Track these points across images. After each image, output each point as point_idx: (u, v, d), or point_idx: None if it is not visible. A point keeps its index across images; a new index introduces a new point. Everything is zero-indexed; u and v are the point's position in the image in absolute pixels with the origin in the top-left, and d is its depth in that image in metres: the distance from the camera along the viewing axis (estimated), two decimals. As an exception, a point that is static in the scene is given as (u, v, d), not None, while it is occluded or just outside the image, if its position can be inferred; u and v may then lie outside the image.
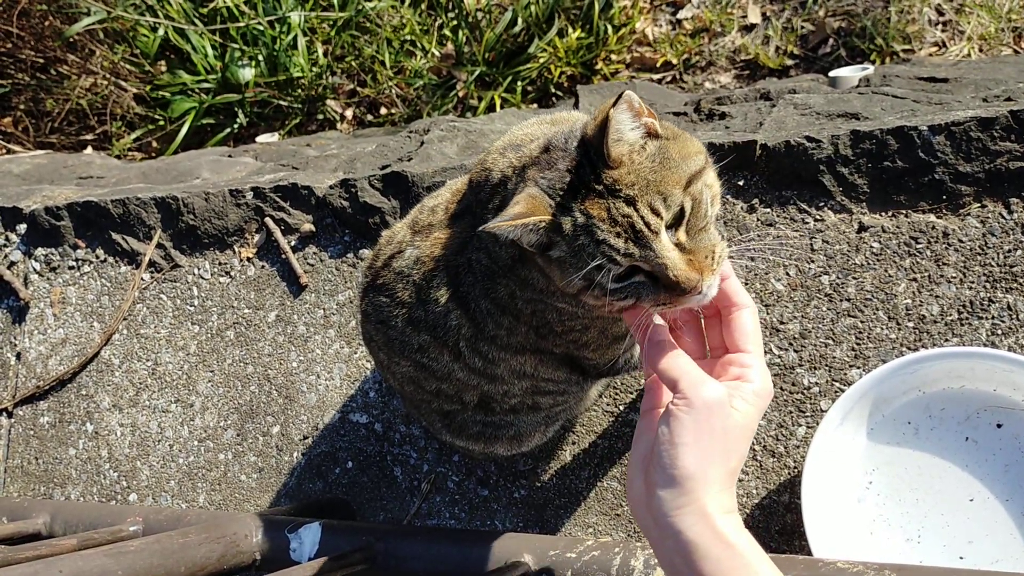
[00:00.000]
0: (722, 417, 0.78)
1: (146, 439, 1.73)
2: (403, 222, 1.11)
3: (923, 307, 1.27)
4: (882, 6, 2.55)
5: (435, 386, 1.13)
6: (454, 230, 1.00)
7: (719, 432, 0.77)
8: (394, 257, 1.06)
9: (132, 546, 1.13)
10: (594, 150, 0.80)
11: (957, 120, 1.26)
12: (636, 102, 0.79)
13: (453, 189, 1.07)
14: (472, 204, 0.98)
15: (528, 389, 1.13)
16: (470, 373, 1.07)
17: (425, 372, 1.11)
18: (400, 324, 1.07)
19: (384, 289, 1.07)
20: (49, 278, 1.89)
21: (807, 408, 1.30)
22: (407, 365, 1.12)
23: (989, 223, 1.26)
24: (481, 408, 1.16)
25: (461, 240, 0.98)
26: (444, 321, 1.02)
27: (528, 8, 2.76)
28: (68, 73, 3.14)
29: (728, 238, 1.31)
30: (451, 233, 1.00)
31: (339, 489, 1.55)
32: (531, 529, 1.41)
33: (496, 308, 0.99)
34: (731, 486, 0.79)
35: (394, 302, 1.06)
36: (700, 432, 0.76)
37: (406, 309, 1.05)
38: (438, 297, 1.00)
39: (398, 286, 1.05)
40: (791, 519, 1.28)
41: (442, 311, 1.01)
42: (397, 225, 1.12)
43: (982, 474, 1.18)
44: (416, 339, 1.06)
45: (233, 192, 1.71)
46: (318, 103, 3.01)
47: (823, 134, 1.33)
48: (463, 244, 0.98)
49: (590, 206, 0.79)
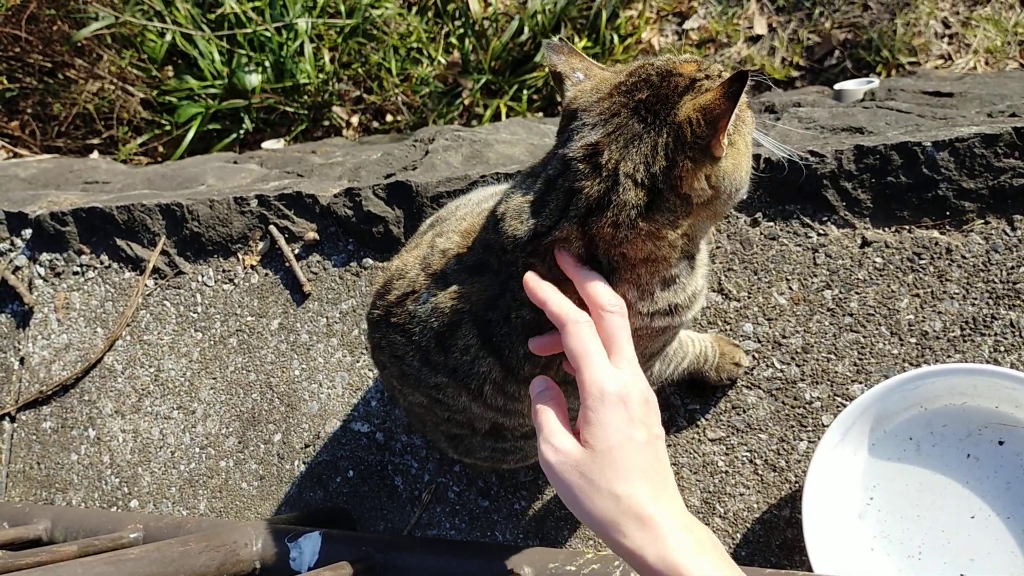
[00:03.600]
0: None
1: (148, 445, 1.73)
2: (412, 256, 1.07)
3: (926, 323, 1.27)
4: (888, 18, 2.55)
5: (447, 415, 1.12)
6: (476, 286, 0.97)
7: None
8: (408, 297, 1.03)
9: (132, 554, 1.13)
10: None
11: (961, 136, 1.26)
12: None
13: (461, 231, 1.03)
14: (489, 261, 0.96)
15: None
16: (487, 409, 1.05)
17: (439, 405, 1.10)
18: (416, 364, 1.04)
19: (398, 328, 1.05)
20: (53, 283, 1.89)
21: (808, 423, 1.30)
22: (420, 397, 1.11)
23: (992, 240, 1.26)
24: (492, 435, 1.15)
25: (488, 296, 0.96)
26: (471, 367, 0.99)
27: (535, 17, 2.77)
28: (75, 77, 3.16)
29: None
30: (474, 288, 0.97)
31: (340, 498, 1.55)
32: (531, 541, 1.41)
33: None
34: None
35: (410, 342, 1.04)
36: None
37: (423, 352, 1.02)
38: (466, 347, 0.98)
39: (415, 329, 1.02)
40: (792, 534, 1.28)
41: (470, 359, 0.99)
42: (407, 256, 1.09)
43: (984, 491, 1.17)
44: (433, 379, 1.04)
45: (238, 199, 1.71)
46: (324, 109, 3.02)
47: (827, 149, 1.33)
48: (492, 300, 0.96)
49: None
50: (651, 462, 0.80)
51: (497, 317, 0.96)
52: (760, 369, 1.34)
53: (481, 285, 0.97)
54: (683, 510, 0.80)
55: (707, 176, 0.85)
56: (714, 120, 0.80)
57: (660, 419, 0.84)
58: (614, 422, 0.79)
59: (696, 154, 0.83)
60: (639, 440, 0.79)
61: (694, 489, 1.34)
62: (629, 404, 0.80)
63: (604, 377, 0.80)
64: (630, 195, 0.83)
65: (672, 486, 0.82)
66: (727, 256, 1.38)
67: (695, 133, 0.81)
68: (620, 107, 0.85)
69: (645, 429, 0.80)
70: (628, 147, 0.84)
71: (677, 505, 0.80)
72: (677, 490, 0.82)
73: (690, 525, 0.79)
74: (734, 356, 1.31)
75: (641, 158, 0.83)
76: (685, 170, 0.83)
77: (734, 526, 1.31)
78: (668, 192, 0.84)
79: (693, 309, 0.97)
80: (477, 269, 0.98)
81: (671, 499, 0.80)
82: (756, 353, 1.34)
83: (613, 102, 0.86)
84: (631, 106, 0.85)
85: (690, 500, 1.34)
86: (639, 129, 0.84)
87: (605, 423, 0.79)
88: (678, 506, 0.80)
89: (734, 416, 1.34)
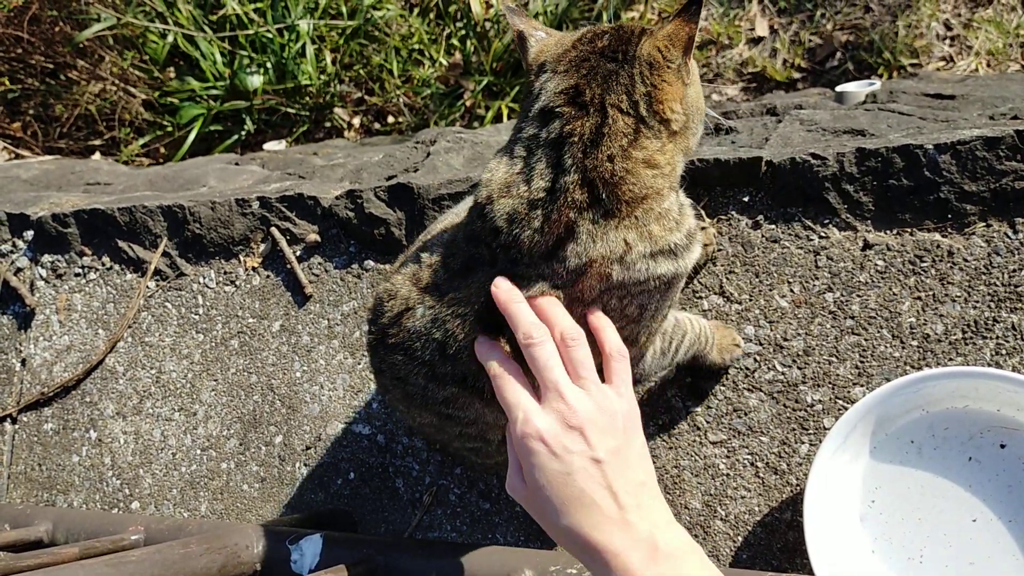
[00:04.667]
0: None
1: (149, 447, 1.73)
2: (401, 275, 1.06)
3: (927, 326, 1.27)
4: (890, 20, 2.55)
5: (459, 430, 1.11)
6: (473, 287, 0.96)
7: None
8: (404, 315, 1.02)
9: (133, 556, 1.14)
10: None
11: (963, 139, 1.26)
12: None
13: (445, 240, 1.05)
14: (479, 255, 0.96)
15: None
16: (499, 415, 1.04)
17: (450, 421, 1.09)
18: (421, 381, 1.03)
19: (397, 348, 1.04)
20: (55, 285, 1.90)
21: (810, 426, 1.30)
22: (429, 417, 1.10)
23: (994, 243, 1.26)
24: (504, 443, 1.15)
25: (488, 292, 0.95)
26: (481, 370, 0.98)
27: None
28: (77, 79, 3.16)
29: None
30: (471, 291, 0.96)
31: (341, 500, 1.55)
32: (532, 543, 1.41)
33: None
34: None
35: (411, 360, 1.02)
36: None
37: (427, 367, 1.01)
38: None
39: (415, 345, 1.01)
40: (793, 537, 1.28)
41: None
42: (396, 279, 1.07)
43: (985, 495, 1.17)
44: (441, 393, 1.03)
45: (239, 201, 1.72)
46: (326, 111, 3.02)
47: (829, 151, 1.33)
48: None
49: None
50: (586, 489, 0.80)
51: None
52: (761, 372, 1.34)
53: (478, 284, 0.96)
54: (638, 524, 0.80)
55: (680, 100, 0.93)
56: (682, 41, 0.90)
57: (623, 431, 0.84)
58: (537, 463, 0.81)
59: (671, 76, 0.91)
60: (566, 471, 0.80)
61: (695, 492, 1.34)
62: (547, 439, 0.81)
63: (517, 422, 0.83)
64: (619, 123, 0.90)
65: (630, 496, 0.81)
66: (728, 258, 1.38)
67: (666, 57, 0.90)
68: (588, 53, 0.93)
69: (575, 457, 0.81)
70: (607, 82, 0.91)
71: (628, 520, 0.80)
72: (638, 499, 0.82)
73: (640, 542, 0.78)
74: (733, 337, 1.32)
75: (623, 88, 0.91)
76: (664, 93, 0.91)
77: (735, 529, 1.31)
78: (651, 118, 0.91)
79: (692, 252, 0.99)
80: (468, 269, 0.98)
81: (618, 518, 0.79)
82: (757, 356, 1.34)
83: (579, 51, 0.94)
84: (597, 51, 0.93)
85: (691, 503, 1.34)
86: (612, 68, 0.92)
87: (530, 465, 0.82)
88: (631, 520, 0.80)
89: (735, 419, 1.34)
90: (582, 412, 0.83)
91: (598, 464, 0.81)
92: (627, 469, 0.83)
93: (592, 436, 0.82)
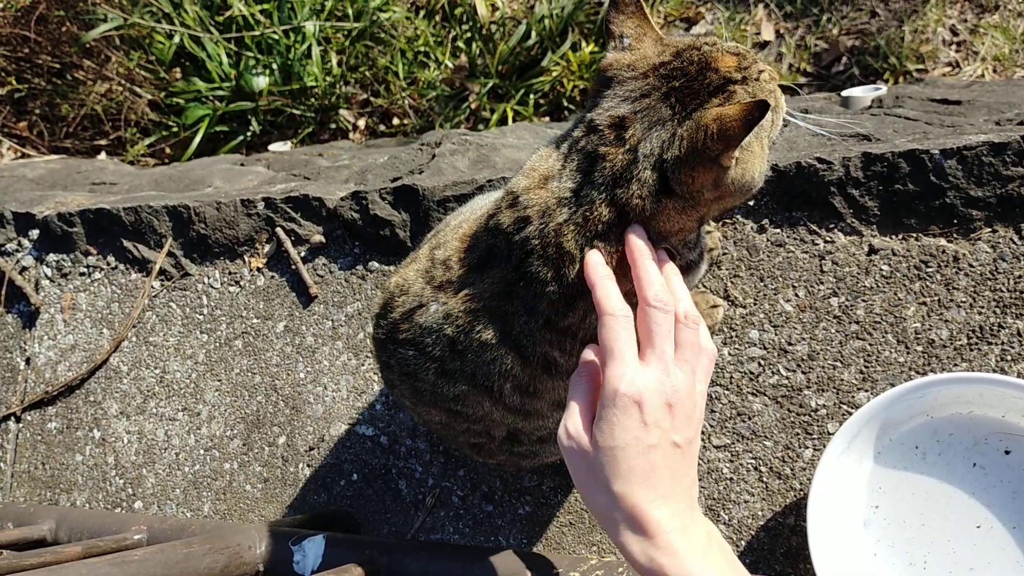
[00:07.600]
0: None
1: (152, 447, 1.73)
2: (412, 270, 1.07)
3: (932, 331, 1.27)
4: (896, 25, 2.55)
5: (465, 427, 1.12)
6: (487, 282, 0.97)
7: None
8: (416, 311, 1.03)
9: (136, 555, 1.14)
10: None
11: (969, 144, 1.25)
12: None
13: (460, 236, 1.03)
14: (496, 247, 0.96)
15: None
16: (506, 413, 1.05)
17: (457, 418, 1.09)
18: (431, 377, 1.04)
19: (408, 344, 1.04)
20: (60, 284, 1.90)
21: (814, 430, 1.30)
22: (437, 414, 1.11)
23: (1000, 248, 1.26)
24: (508, 440, 1.14)
25: (503, 287, 0.96)
26: (490, 367, 0.99)
27: (542, 22, 2.78)
28: (84, 79, 3.17)
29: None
30: (485, 285, 0.97)
31: (344, 501, 1.55)
32: (535, 546, 1.41)
33: (558, 336, 0.97)
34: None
35: (423, 355, 1.03)
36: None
37: (438, 363, 1.02)
38: (483, 344, 0.98)
39: (427, 340, 1.01)
40: (796, 541, 1.28)
41: (489, 357, 0.98)
42: (406, 272, 1.08)
43: (989, 501, 1.17)
44: (451, 390, 1.04)
45: (244, 202, 1.72)
46: (331, 112, 3.02)
47: (834, 156, 1.33)
48: (507, 291, 0.95)
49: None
50: (657, 465, 0.80)
51: (515, 308, 0.95)
52: (766, 376, 1.33)
53: (492, 279, 0.96)
54: (686, 512, 0.80)
55: (714, 180, 0.87)
56: (727, 138, 0.82)
57: (696, 425, 0.84)
58: (621, 423, 0.80)
59: (705, 161, 0.85)
60: (647, 442, 0.79)
61: (699, 496, 1.34)
62: (644, 406, 0.80)
63: (622, 377, 0.80)
64: (647, 174, 0.87)
65: (684, 490, 0.82)
66: (733, 262, 1.38)
67: (706, 144, 0.83)
68: (652, 89, 0.88)
69: (659, 433, 0.80)
70: (651, 129, 0.87)
71: (679, 507, 0.80)
72: (691, 495, 0.82)
73: (687, 527, 0.79)
74: (709, 300, 1.35)
75: (659, 143, 0.86)
76: (693, 171, 0.86)
77: (738, 533, 1.31)
78: (675, 184, 0.87)
79: (700, 269, 1.03)
80: (485, 263, 0.98)
81: (674, 502, 0.80)
82: (762, 360, 1.34)
83: (647, 83, 0.89)
84: (663, 91, 0.88)
85: (694, 507, 1.34)
86: (666, 115, 0.87)
87: (612, 422, 0.80)
88: (680, 508, 0.80)
89: (739, 423, 1.34)
90: (682, 393, 0.82)
91: (676, 448, 0.81)
92: (692, 463, 0.84)
93: (679, 420, 0.82)
